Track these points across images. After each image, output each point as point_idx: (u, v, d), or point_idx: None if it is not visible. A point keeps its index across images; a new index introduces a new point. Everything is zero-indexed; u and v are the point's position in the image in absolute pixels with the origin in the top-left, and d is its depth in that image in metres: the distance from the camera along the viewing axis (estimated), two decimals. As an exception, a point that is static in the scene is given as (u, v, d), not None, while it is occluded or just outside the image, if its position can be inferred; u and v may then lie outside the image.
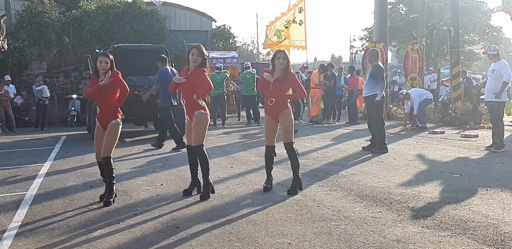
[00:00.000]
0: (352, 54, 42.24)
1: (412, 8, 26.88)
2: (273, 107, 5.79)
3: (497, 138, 8.68)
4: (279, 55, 5.76)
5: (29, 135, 13.70)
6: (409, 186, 5.93)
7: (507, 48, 40.82)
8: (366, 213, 4.80)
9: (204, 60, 5.62)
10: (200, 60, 5.59)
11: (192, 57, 5.58)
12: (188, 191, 5.78)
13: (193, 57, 5.57)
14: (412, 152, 8.70)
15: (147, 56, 11.94)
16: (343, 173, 6.88)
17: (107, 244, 4.10)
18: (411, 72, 15.44)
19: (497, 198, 5.27)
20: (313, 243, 3.97)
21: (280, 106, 5.79)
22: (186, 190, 5.79)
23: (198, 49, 5.59)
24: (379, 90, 8.76)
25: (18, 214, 5.12)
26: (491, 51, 8.83)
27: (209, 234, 4.26)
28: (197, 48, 5.61)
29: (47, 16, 20.38)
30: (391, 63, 33.25)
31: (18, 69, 19.54)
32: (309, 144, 9.98)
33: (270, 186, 5.87)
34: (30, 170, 7.79)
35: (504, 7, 15.42)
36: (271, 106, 5.80)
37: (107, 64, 5.46)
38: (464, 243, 3.88)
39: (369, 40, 26.67)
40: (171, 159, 8.58)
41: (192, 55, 5.58)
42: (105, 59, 5.47)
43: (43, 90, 15.99)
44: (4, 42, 14.25)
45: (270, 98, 5.79)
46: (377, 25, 15.59)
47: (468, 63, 28.04)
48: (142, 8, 21.34)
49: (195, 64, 5.60)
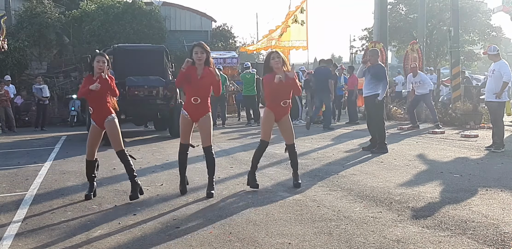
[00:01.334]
0: (352, 54, 42.25)
1: (412, 8, 26.90)
2: (285, 108, 5.95)
3: (497, 138, 8.68)
4: (273, 55, 5.89)
5: (29, 135, 13.70)
6: (409, 186, 5.93)
7: (507, 48, 40.85)
8: (366, 213, 4.79)
9: (208, 57, 5.53)
10: (205, 57, 5.49)
11: (196, 56, 5.47)
12: (184, 190, 5.79)
13: (197, 56, 5.46)
14: (412, 152, 8.70)
15: (147, 56, 11.95)
16: (343, 173, 6.88)
17: (107, 244, 4.10)
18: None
19: (497, 198, 5.27)
20: (313, 243, 3.97)
21: (288, 108, 6.02)
22: (182, 190, 5.79)
23: (201, 47, 5.49)
24: (382, 90, 8.75)
25: (18, 214, 5.12)
26: (491, 51, 8.83)
27: (209, 234, 4.26)
28: (199, 46, 5.50)
29: (47, 16, 20.39)
30: (391, 63, 33.24)
31: (18, 69, 19.55)
32: (309, 144, 9.97)
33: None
34: (30, 170, 7.78)
35: (504, 7, 15.44)
36: (284, 108, 5.93)
37: (104, 63, 5.54)
38: (464, 243, 3.88)
39: (369, 40, 26.69)
40: (171, 159, 8.57)
41: (196, 54, 5.47)
42: (102, 59, 5.56)
43: (43, 90, 15.98)
44: (4, 42, 14.26)
45: (284, 100, 5.90)
46: (377, 25, 15.59)
47: (468, 63, 28.08)
48: (142, 8, 21.34)
49: (200, 62, 5.50)
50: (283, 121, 5.98)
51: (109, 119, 5.58)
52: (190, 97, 5.59)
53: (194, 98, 5.55)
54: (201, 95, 5.56)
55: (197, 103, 5.56)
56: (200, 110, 5.61)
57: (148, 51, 12.38)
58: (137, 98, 11.05)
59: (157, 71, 11.76)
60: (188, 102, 5.61)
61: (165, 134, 12.71)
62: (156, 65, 11.86)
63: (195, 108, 5.59)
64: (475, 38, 28.17)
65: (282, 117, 5.96)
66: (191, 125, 5.69)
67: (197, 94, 5.54)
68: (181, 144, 5.76)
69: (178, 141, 5.94)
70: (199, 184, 6.26)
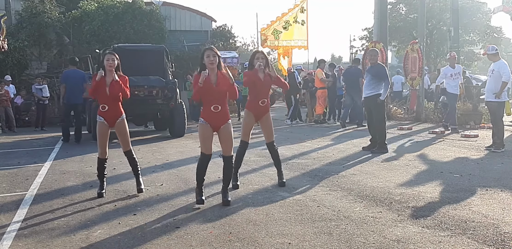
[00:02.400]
0: (352, 54, 42.27)
1: (412, 8, 26.87)
2: (264, 107, 6.03)
3: (497, 138, 8.68)
4: (257, 55, 6.01)
5: (29, 135, 13.70)
6: (409, 186, 5.93)
7: (507, 48, 40.85)
8: (366, 213, 4.80)
9: (220, 61, 5.29)
10: (217, 61, 5.22)
11: (208, 59, 5.17)
12: (202, 200, 5.32)
13: (210, 60, 5.17)
14: (412, 152, 8.70)
15: (147, 56, 11.94)
16: (343, 173, 6.88)
17: (107, 244, 4.10)
18: (411, 72, 15.43)
19: (497, 198, 5.27)
20: (313, 243, 3.97)
21: (268, 106, 6.12)
22: (199, 200, 5.31)
23: (212, 50, 5.23)
24: (384, 89, 8.75)
25: (18, 214, 5.12)
26: (489, 51, 8.83)
27: (209, 234, 4.26)
28: (210, 49, 5.24)
29: (47, 16, 20.38)
30: (391, 63, 33.23)
31: (18, 69, 19.54)
32: (309, 144, 9.98)
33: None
34: (30, 170, 7.79)
35: (504, 7, 15.44)
36: (262, 107, 6.02)
37: (114, 61, 5.76)
38: (464, 243, 3.88)
39: (369, 40, 26.67)
40: (171, 159, 8.58)
41: (208, 58, 5.17)
42: (111, 57, 5.79)
43: (43, 90, 15.99)
44: (4, 42, 14.25)
45: (262, 99, 5.99)
46: (377, 25, 15.59)
47: (468, 63, 28.03)
48: (142, 8, 21.34)
49: (212, 67, 5.20)
50: (263, 120, 6.10)
51: (121, 119, 5.80)
52: (209, 106, 5.23)
53: (214, 107, 5.21)
54: (221, 103, 5.27)
55: (217, 111, 5.23)
56: (221, 118, 5.28)
57: (148, 51, 12.38)
58: (137, 98, 11.04)
59: (157, 71, 11.77)
60: (207, 111, 5.25)
61: (165, 134, 12.72)
62: (156, 65, 11.86)
63: (216, 116, 5.25)
64: (475, 38, 28.14)
65: (262, 116, 6.06)
66: (212, 133, 5.34)
67: (217, 102, 5.23)
68: (203, 154, 5.30)
69: (178, 140, 5.96)
70: (199, 184, 6.24)
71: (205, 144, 5.28)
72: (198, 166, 5.34)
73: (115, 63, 5.78)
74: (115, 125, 5.79)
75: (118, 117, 5.81)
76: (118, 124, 5.80)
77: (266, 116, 6.08)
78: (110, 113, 5.76)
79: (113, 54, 5.88)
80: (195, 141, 10.80)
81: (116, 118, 5.78)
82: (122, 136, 5.86)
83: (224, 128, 5.30)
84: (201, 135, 5.30)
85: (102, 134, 5.78)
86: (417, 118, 14.73)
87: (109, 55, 5.82)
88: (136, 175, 6.03)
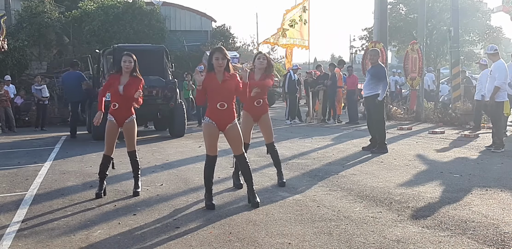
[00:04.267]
0: (352, 54, 42.29)
1: (412, 8, 26.87)
2: (260, 107, 6.01)
3: (497, 138, 8.68)
4: (259, 55, 6.05)
5: (29, 135, 13.69)
6: (409, 186, 5.93)
7: (507, 48, 40.79)
8: (366, 213, 4.80)
9: (228, 62, 5.11)
10: (225, 64, 5.03)
11: (217, 62, 4.98)
12: (212, 205, 5.11)
13: (219, 62, 4.98)
14: (412, 152, 8.70)
15: (147, 56, 11.93)
16: (343, 173, 6.88)
17: (107, 244, 4.10)
18: (411, 72, 15.44)
19: (497, 198, 5.27)
20: (313, 243, 3.97)
21: (265, 107, 6.09)
22: (209, 204, 5.11)
23: (222, 52, 5.01)
24: (382, 90, 8.75)
25: (18, 214, 5.12)
26: (488, 51, 8.84)
27: (209, 234, 4.26)
28: (220, 52, 5.02)
29: (47, 16, 20.38)
30: (391, 63, 33.26)
31: (18, 69, 19.55)
32: (309, 144, 9.98)
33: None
34: (30, 170, 7.78)
35: (504, 7, 15.41)
36: (258, 107, 6.00)
37: (130, 63, 5.80)
38: (464, 243, 3.88)
39: (369, 40, 26.69)
40: (171, 159, 8.58)
41: (217, 60, 4.99)
42: (129, 58, 5.82)
43: (43, 90, 15.98)
44: (4, 42, 14.25)
45: (257, 100, 5.95)
46: (377, 25, 15.58)
47: (468, 63, 28.05)
48: (142, 8, 21.34)
49: (220, 69, 5.02)
50: (261, 121, 6.08)
51: (131, 118, 5.84)
52: (215, 104, 5.03)
53: (220, 104, 4.99)
54: (227, 100, 5.03)
55: (223, 108, 5.01)
56: (227, 117, 5.07)
57: (148, 51, 12.37)
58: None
59: (157, 71, 11.75)
60: (213, 109, 5.05)
61: (165, 134, 12.72)
62: (156, 65, 11.85)
63: (221, 115, 5.04)
64: (475, 38, 28.14)
65: (260, 117, 6.05)
66: (218, 133, 5.14)
67: (223, 99, 5.01)
68: (209, 156, 5.13)
69: (178, 140, 5.95)
70: (199, 184, 6.25)
71: (210, 144, 5.09)
72: (205, 169, 5.15)
73: (131, 65, 5.79)
74: (124, 125, 5.81)
75: (128, 117, 5.82)
76: (127, 124, 5.82)
77: (264, 116, 6.06)
78: (121, 112, 5.77)
79: (131, 55, 5.84)
80: (195, 141, 10.80)
81: (125, 118, 5.80)
82: (129, 136, 5.88)
83: (231, 127, 5.10)
84: (206, 134, 5.07)
85: (111, 133, 5.78)
86: (417, 118, 14.74)
87: (126, 57, 5.81)
88: (136, 177, 6.00)
